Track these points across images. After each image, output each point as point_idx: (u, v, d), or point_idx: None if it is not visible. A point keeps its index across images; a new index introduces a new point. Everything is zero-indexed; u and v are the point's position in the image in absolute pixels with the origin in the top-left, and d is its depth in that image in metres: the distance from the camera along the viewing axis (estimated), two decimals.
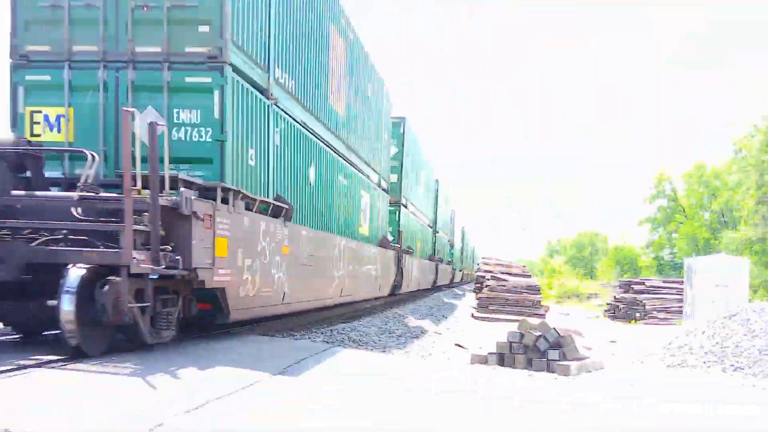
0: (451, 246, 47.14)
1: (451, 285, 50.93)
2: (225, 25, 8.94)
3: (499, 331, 21.76)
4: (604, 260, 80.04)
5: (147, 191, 7.55)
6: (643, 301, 31.72)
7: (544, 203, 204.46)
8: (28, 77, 9.22)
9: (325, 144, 14.07)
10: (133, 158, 7.65)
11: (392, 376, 8.30)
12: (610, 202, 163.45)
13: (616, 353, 16.05)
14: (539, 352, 12.51)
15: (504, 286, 29.93)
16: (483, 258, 34.74)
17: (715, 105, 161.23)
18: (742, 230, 50.59)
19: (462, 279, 63.52)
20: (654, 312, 30.94)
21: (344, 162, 15.80)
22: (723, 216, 60.99)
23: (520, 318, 20.25)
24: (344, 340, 13.61)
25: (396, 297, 24.96)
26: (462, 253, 59.80)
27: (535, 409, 6.99)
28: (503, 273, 31.71)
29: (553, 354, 12.41)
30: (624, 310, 33.04)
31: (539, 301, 29.87)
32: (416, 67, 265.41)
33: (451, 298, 41.06)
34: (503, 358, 12.73)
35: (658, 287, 33.22)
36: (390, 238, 21.35)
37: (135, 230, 7.26)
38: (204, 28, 8.88)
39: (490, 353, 12.96)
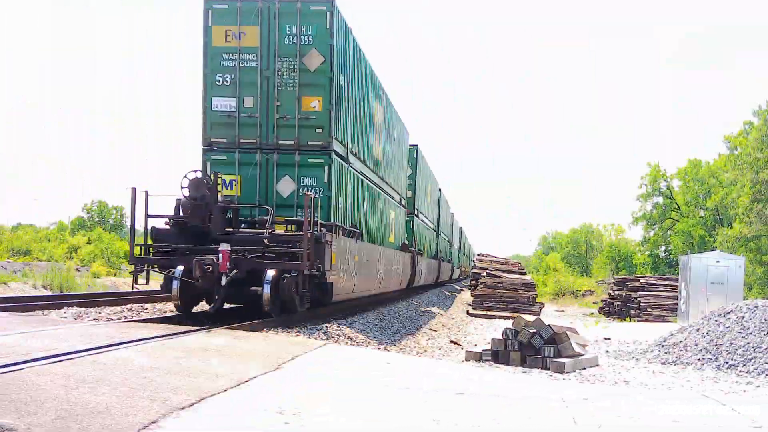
0: (451, 245, 51.15)
1: (450, 281, 54.60)
2: (331, 128, 14.37)
3: (495, 327, 21.78)
4: (599, 257, 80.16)
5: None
6: (638, 299, 31.71)
7: (544, 203, 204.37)
8: (213, 157, 14.52)
9: (370, 182, 18.84)
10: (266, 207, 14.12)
11: (385, 374, 8.27)
12: (611, 201, 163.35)
13: (610, 350, 16.05)
14: (534, 349, 12.50)
15: (499, 283, 29.93)
16: (478, 255, 34.76)
17: (715, 105, 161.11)
18: (737, 228, 50.63)
19: (460, 275, 66.19)
20: (649, 309, 30.94)
21: (380, 191, 20.66)
22: (718, 213, 60.97)
23: (515, 315, 20.25)
24: (339, 336, 13.59)
25: (409, 289, 29.33)
26: (459, 251, 63.60)
27: (525, 406, 6.96)
28: (498, 270, 31.70)
29: (548, 351, 12.40)
30: (619, 307, 33.08)
31: (534, 298, 29.87)
32: (416, 67, 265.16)
33: (449, 292, 41.10)
34: (498, 355, 12.71)
35: (653, 284, 33.22)
36: (406, 242, 26.43)
37: (322, 249, 13.37)
38: (319, 131, 14.32)
39: (485, 350, 12.95)
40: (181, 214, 13.56)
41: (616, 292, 34.50)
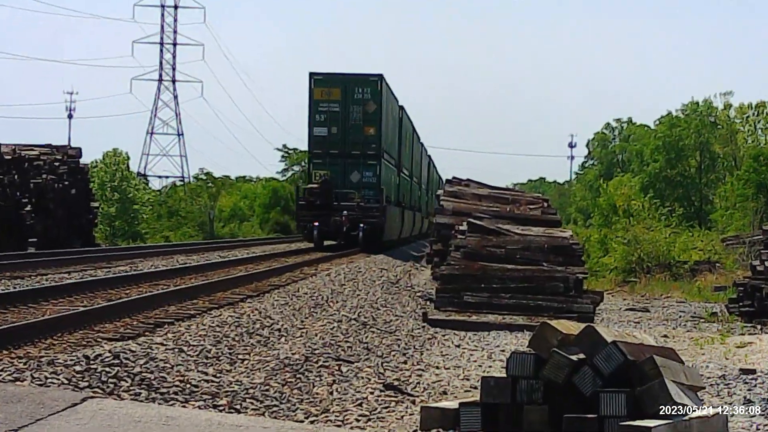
0: (417, 184, 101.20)
1: (414, 236, 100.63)
2: (382, 143, 76.95)
3: (487, 350, 22.00)
4: (728, 182, 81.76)
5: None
6: None
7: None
8: (314, 161, 78.73)
9: (400, 174, 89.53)
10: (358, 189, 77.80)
11: None
12: (748, 56, 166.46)
13: (756, 398, 16.32)
14: (581, 397, 12.57)
15: (499, 247, 30.14)
16: (449, 182, 34.84)
17: None
18: None
19: (429, 228, 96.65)
20: None
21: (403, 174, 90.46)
22: None
23: (536, 320, 20.24)
24: (121, 378, 13.51)
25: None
26: (429, 194, 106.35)
27: None
28: (496, 216, 31.94)
29: (615, 402, 12.48)
30: None
31: (580, 281, 30.22)
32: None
33: (399, 268, 42.79)
34: (497, 414, 12.75)
35: None
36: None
37: (383, 212, 76.69)
38: (374, 145, 76.02)
39: (464, 405, 12.99)
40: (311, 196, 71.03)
41: (766, 265, 34.95)
